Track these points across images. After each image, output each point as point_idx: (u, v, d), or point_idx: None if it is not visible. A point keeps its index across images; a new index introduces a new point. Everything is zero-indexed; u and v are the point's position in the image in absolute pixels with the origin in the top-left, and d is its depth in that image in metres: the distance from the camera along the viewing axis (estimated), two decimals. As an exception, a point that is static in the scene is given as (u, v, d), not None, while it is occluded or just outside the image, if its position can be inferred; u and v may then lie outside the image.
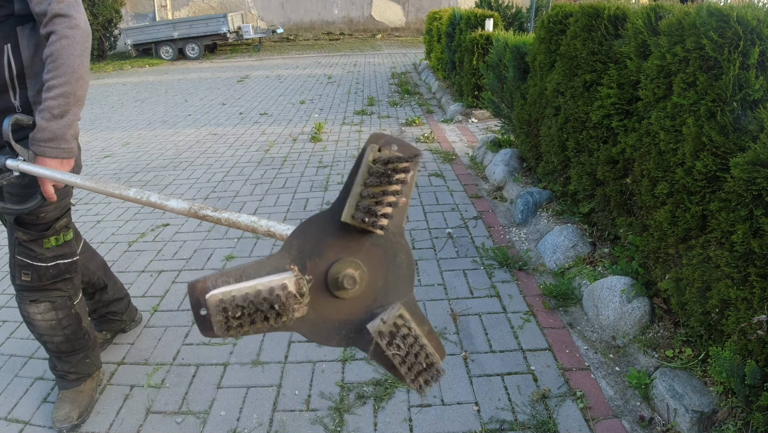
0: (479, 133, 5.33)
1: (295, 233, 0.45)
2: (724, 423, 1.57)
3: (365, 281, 0.50)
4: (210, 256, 2.96)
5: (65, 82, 1.31)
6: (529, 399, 1.81)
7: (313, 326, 0.49)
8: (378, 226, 0.43)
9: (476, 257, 2.80)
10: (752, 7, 1.63)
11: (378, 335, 0.49)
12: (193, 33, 14.39)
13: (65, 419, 1.76)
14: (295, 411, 1.81)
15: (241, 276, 0.44)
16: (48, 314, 1.69)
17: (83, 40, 1.34)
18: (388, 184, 0.41)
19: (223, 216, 0.69)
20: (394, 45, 15.77)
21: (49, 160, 1.34)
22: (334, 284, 0.48)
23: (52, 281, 1.66)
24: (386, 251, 0.51)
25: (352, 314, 0.51)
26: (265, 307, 0.43)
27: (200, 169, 4.66)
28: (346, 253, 0.48)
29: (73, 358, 1.80)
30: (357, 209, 0.44)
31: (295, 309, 0.44)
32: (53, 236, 1.62)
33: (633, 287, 2.12)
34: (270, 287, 0.43)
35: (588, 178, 2.60)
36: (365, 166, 0.41)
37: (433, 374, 0.52)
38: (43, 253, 1.61)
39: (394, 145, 0.43)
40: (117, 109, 8.00)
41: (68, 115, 1.34)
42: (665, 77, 1.91)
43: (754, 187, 1.48)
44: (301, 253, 0.44)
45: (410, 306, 0.52)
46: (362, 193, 0.43)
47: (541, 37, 3.13)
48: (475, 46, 5.59)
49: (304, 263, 0.45)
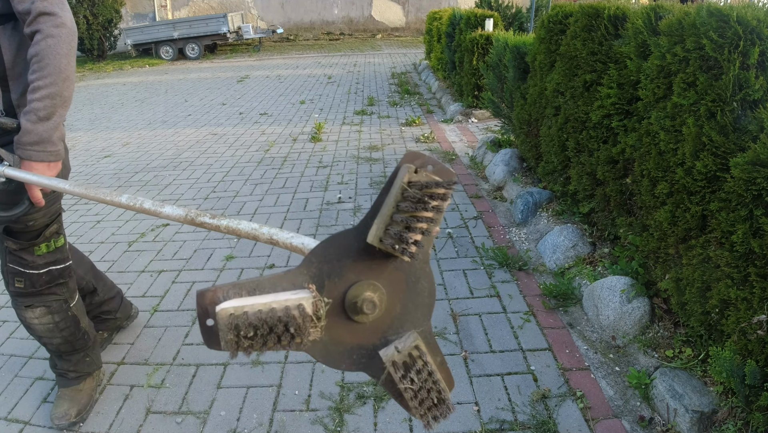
0: (479, 133, 5.33)
1: (317, 249, 0.43)
2: (724, 423, 1.57)
3: (383, 306, 0.48)
4: (210, 256, 2.96)
5: (51, 83, 1.27)
6: (529, 399, 1.81)
7: (324, 348, 0.47)
8: (408, 254, 0.41)
9: (476, 257, 2.80)
10: (752, 7, 1.63)
11: (392, 364, 0.47)
12: (193, 33, 14.39)
13: (63, 416, 1.76)
14: (295, 411, 1.81)
15: (255, 289, 0.42)
16: (44, 318, 1.67)
17: (69, 39, 1.29)
18: (423, 210, 0.39)
19: (222, 223, 0.63)
20: (394, 45, 15.77)
21: (35, 164, 1.31)
22: (352, 308, 0.46)
23: (46, 286, 1.64)
24: (409, 276, 0.48)
25: (365, 339, 0.49)
26: (279, 328, 0.41)
27: (200, 169, 4.66)
28: (367, 275, 0.46)
29: (73, 357, 1.80)
30: (386, 233, 0.42)
31: (310, 333, 0.42)
32: (44, 243, 1.58)
33: (633, 287, 2.12)
34: (286, 306, 0.41)
35: (588, 178, 2.60)
36: (399, 188, 0.38)
37: (443, 410, 0.50)
38: (34, 261, 1.58)
39: (429, 165, 0.41)
40: (117, 109, 8.00)
41: (54, 117, 1.30)
42: (665, 77, 1.91)
43: (754, 187, 1.48)
44: (321, 271, 0.42)
45: (426, 336, 0.50)
46: (393, 216, 0.40)
47: (541, 37, 3.13)
48: (475, 46, 5.59)
49: (323, 282, 0.43)
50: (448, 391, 0.51)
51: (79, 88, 10.63)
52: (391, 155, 4.76)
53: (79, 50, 14.36)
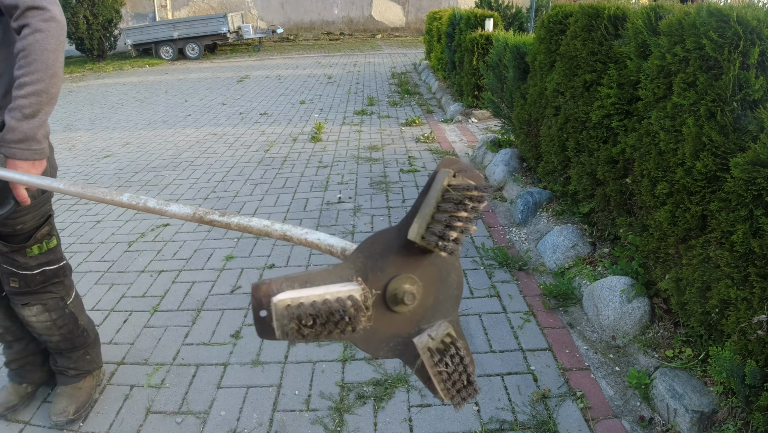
0: (479, 133, 5.33)
1: (362, 246, 0.46)
2: (724, 423, 1.57)
3: (420, 297, 0.51)
4: (210, 256, 2.96)
5: (38, 79, 1.23)
6: (529, 399, 1.81)
7: (365, 337, 0.50)
8: (449, 250, 0.44)
9: (476, 257, 2.80)
10: (752, 7, 1.63)
11: (427, 351, 0.51)
12: (193, 33, 14.39)
13: (62, 413, 1.76)
14: (295, 411, 1.81)
15: (306, 282, 0.45)
16: (42, 316, 1.67)
17: (58, 33, 1.25)
18: (463, 211, 0.42)
19: (233, 221, 0.63)
20: (394, 45, 15.77)
21: (19, 163, 1.28)
22: (392, 299, 0.50)
23: (41, 285, 1.63)
24: (441, 270, 0.52)
25: (402, 328, 0.52)
26: (336, 317, 0.44)
27: (200, 169, 4.66)
28: (405, 269, 0.49)
29: (73, 354, 1.80)
30: (428, 231, 0.44)
31: (361, 321, 0.45)
32: (35, 245, 1.57)
33: (633, 287, 2.12)
34: (338, 297, 0.43)
35: (588, 178, 2.60)
36: (439, 190, 0.42)
37: (471, 391, 0.54)
38: (27, 262, 1.57)
39: (465, 171, 0.44)
40: (117, 109, 8.00)
41: (40, 114, 1.27)
42: (665, 77, 1.91)
43: (754, 187, 1.48)
44: (365, 266, 0.45)
45: (455, 325, 0.54)
46: (434, 216, 0.44)
47: (541, 37, 3.13)
48: (475, 46, 5.59)
49: (367, 275, 0.47)
50: (474, 374, 0.55)
51: (79, 88, 10.63)
52: (391, 155, 4.76)
53: (79, 50, 14.37)
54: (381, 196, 3.76)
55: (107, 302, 2.56)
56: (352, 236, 3.14)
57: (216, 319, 2.37)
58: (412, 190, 3.83)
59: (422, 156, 4.68)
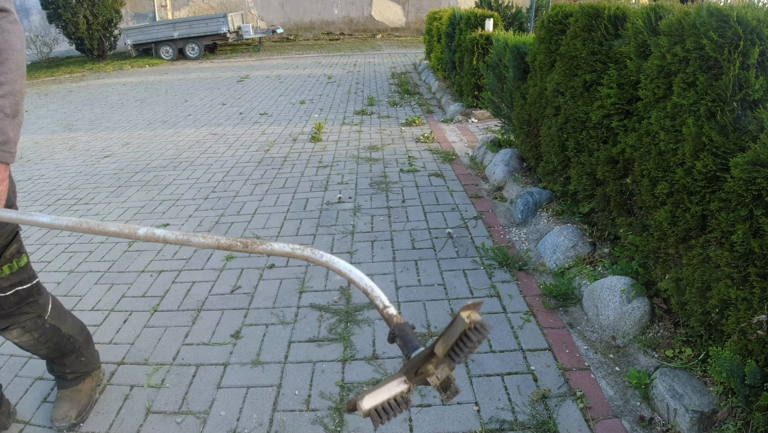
0: (479, 133, 5.33)
1: (411, 362, 0.65)
2: (724, 423, 1.57)
3: None
4: (210, 256, 2.96)
5: (13, 79, 1.22)
6: (529, 399, 1.81)
7: None
8: (458, 363, 0.61)
9: (476, 257, 2.80)
10: (752, 7, 1.63)
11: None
12: (193, 33, 14.39)
13: (63, 418, 1.75)
14: (295, 411, 1.81)
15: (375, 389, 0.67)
16: (23, 337, 1.62)
17: (22, 36, 1.26)
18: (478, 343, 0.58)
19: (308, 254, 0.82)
20: (394, 45, 15.77)
21: None
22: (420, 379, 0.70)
23: (15, 307, 1.56)
24: None
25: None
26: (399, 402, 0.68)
27: (200, 169, 4.66)
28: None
29: (66, 360, 1.78)
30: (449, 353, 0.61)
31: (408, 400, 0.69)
32: (5, 265, 1.50)
33: (633, 287, 2.12)
34: (395, 395, 0.67)
35: (588, 178, 2.60)
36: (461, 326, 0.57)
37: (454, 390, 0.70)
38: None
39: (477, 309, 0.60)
40: (117, 109, 8.00)
41: (19, 114, 1.26)
42: (665, 77, 1.91)
43: (754, 187, 1.48)
44: (409, 372, 0.66)
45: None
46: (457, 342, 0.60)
47: (541, 37, 3.13)
48: (475, 46, 5.59)
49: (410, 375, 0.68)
50: None
51: (79, 88, 10.63)
52: (391, 155, 4.76)
53: (79, 50, 14.38)
54: (381, 196, 3.76)
55: (107, 302, 2.56)
56: (352, 236, 3.14)
57: (216, 319, 2.37)
58: (412, 190, 3.83)
59: (422, 156, 4.68)
